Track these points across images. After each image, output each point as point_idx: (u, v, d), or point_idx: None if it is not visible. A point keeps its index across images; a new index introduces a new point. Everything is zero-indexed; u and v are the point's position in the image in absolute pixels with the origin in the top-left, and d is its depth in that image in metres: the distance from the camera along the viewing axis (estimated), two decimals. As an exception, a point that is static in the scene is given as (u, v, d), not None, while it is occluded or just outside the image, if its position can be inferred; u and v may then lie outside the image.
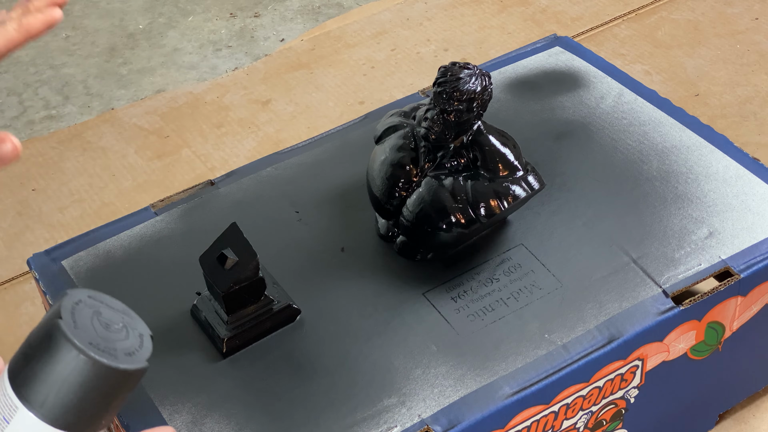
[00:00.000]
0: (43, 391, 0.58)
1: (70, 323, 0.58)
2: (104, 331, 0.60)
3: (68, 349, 0.57)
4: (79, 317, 0.59)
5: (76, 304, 0.59)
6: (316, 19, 1.93)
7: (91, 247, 1.10)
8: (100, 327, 0.60)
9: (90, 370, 0.58)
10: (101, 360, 0.57)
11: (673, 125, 1.19)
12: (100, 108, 1.75)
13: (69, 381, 0.58)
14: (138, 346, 0.61)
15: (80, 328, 0.58)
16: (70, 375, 0.57)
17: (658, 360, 1.00)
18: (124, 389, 0.60)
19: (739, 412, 1.16)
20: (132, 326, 0.62)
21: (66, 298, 0.59)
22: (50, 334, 0.58)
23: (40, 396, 0.58)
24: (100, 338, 0.59)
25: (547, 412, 0.95)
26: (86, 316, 0.59)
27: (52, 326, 0.58)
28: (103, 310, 0.61)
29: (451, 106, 1.01)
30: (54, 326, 0.57)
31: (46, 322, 0.58)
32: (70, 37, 1.95)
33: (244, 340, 0.98)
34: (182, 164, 1.59)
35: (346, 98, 1.70)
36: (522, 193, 1.02)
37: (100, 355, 0.57)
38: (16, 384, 0.58)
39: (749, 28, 1.76)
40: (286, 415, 0.92)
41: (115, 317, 0.61)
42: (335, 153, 1.20)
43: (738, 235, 1.05)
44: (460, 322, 0.99)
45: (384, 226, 1.07)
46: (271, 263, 1.03)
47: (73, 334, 0.57)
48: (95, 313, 0.60)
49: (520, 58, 1.32)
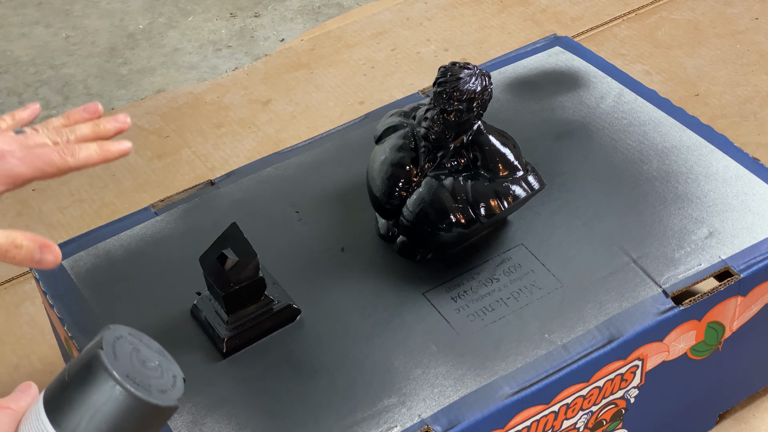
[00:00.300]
0: (76, 418, 0.59)
1: (110, 355, 0.59)
2: (141, 368, 0.62)
3: (105, 379, 0.59)
4: (119, 351, 0.61)
5: (117, 339, 0.61)
6: (316, 19, 1.93)
7: (91, 247, 1.10)
8: (138, 363, 0.62)
9: (124, 402, 0.59)
10: (136, 393, 0.59)
11: (673, 125, 1.19)
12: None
13: (103, 411, 0.59)
14: (171, 385, 0.63)
15: (119, 361, 0.60)
16: (104, 405, 0.59)
17: (658, 360, 1.00)
18: (154, 425, 0.62)
19: (739, 412, 1.16)
20: (167, 367, 0.64)
21: (108, 332, 0.61)
22: (90, 364, 0.59)
23: (72, 423, 0.59)
24: (136, 373, 0.61)
25: (547, 412, 0.95)
26: (125, 351, 0.61)
27: (93, 357, 0.59)
28: (142, 348, 0.63)
29: (451, 106, 1.01)
30: (94, 357, 0.59)
31: (87, 352, 0.60)
32: (70, 37, 1.95)
33: (244, 340, 0.98)
34: (182, 164, 1.59)
35: (346, 98, 1.70)
36: (522, 193, 1.02)
37: (136, 389, 0.59)
38: (50, 410, 0.60)
39: (749, 28, 1.76)
40: (286, 415, 0.92)
41: (152, 356, 0.63)
42: (335, 153, 1.20)
43: (738, 235, 1.05)
44: (460, 322, 0.99)
45: (384, 226, 1.07)
46: (271, 263, 1.03)
47: (113, 366, 0.59)
48: (134, 350, 0.62)
49: (520, 58, 1.32)
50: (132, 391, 0.59)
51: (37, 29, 1.98)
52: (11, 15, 2.02)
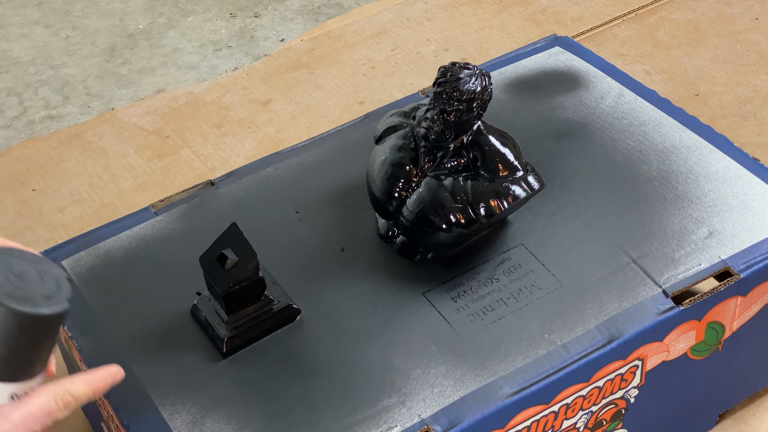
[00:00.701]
0: None
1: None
2: (19, 282, 0.61)
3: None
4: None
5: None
6: (316, 19, 1.93)
7: (91, 247, 1.10)
8: (15, 279, 0.61)
9: (14, 320, 0.59)
10: (23, 309, 0.59)
11: (673, 125, 1.19)
12: (100, 108, 1.75)
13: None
14: (55, 289, 0.62)
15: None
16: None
17: (658, 360, 1.00)
18: (51, 333, 0.62)
19: (739, 412, 1.16)
20: (46, 272, 0.63)
21: None
22: None
23: None
24: (16, 289, 0.60)
25: (547, 412, 0.95)
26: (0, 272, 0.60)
27: None
28: (15, 262, 0.62)
29: (451, 106, 1.01)
30: None
31: None
32: (70, 37, 1.95)
33: (244, 340, 0.98)
34: (182, 164, 1.59)
35: (346, 98, 1.70)
36: (522, 193, 1.02)
37: (21, 305, 0.59)
38: None
39: (749, 28, 1.76)
40: (286, 415, 0.92)
41: (27, 267, 0.63)
42: (335, 153, 1.20)
43: (738, 235, 1.05)
44: (460, 322, 0.99)
45: (384, 226, 1.07)
46: (271, 263, 1.03)
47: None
48: (7, 268, 0.61)
49: (520, 58, 1.32)
50: (18, 309, 0.58)
51: (37, 29, 1.98)
52: (11, 15, 2.02)
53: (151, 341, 0.99)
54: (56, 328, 0.63)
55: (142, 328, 1.01)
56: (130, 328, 1.00)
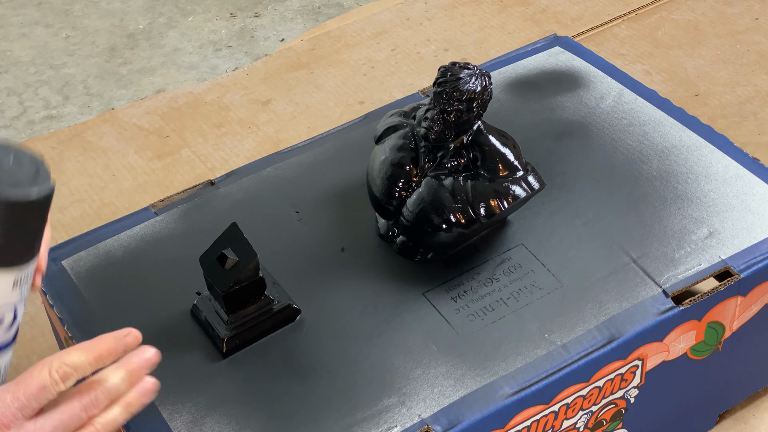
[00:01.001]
0: None
1: None
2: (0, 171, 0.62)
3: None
4: None
5: None
6: (316, 19, 1.93)
7: (91, 247, 1.10)
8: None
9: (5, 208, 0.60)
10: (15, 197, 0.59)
11: (673, 125, 1.19)
12: (100, 108, 1.75)
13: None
14: (35, 172, 0.65)
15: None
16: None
17: (658, 360, 1.00)
18: (44, 213, 0.63)
19: (739, 412, 1.16)
20: (22, 157, 0.65)
21: None
22: None
23: None
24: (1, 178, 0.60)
25: (547, 412, 0.95)
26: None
27: None
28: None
29: (451, 106, 1.01)
30: None
31: None
32: (70, 37, 1.95)
33: (244, 340, 0.98)
34: (182, 164, 1.59)
35: (346, 98, 1.70)
36: (522, 193, 1.02)
37: (11, 192, 0.60)
38: None
39: (749, 28, 1.76)
40: (286, 415, 0.92)
41: (3, 154, 0.63)
42: (335, 153, 1.20)
43: (738, 235, 1.05)
44: (460, 322, 0.99)
45: (384, 226, 1.07)
46: (271, 263, 1.03)
47: None
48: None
49: (520, 58, 1.32)
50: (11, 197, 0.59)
51: (37, 29, 1.98)
52: (11, 15, 2.03)
53: (150, 341, 0.99)
54: (47, 207, 0.64)
55: (142, 327, 1.00)
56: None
